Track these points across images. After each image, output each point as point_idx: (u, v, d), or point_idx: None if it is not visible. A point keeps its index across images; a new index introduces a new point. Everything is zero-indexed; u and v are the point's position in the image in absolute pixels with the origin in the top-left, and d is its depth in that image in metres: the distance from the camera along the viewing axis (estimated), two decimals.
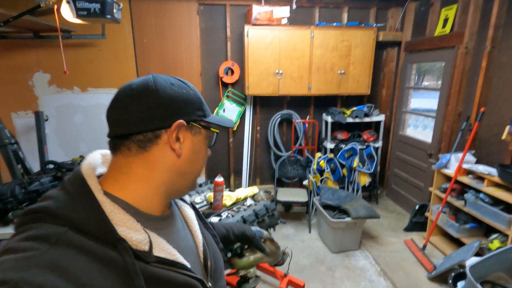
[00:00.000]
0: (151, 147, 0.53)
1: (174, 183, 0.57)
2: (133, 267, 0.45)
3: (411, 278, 2.44)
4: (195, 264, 0.60)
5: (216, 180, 1.62)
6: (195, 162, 0.59)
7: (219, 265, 0.69)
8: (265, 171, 4.17)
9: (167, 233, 0.56)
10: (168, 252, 0.52)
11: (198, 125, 0.58)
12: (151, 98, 0.52)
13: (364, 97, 4.07)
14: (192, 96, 0.57)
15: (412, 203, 3.42)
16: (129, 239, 0.47)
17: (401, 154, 3.66)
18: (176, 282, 0.51)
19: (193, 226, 0.67)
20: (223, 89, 3.74)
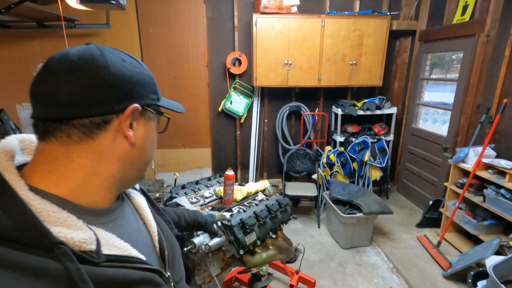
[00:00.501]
0: (98, 134, 0.45)
1: (124, 174, 0.50)
2: (78, 274, 0.38)
3: (425, 275, 2.36)
4: (150, 255, 0.56)
5: (227, 173, 1.55)
6: (148, 151, 0.53)
7: (176, 252, 0.65)
8: (272, 164, 4.10)
9: (117, 227, 0.51)
10: (120, 248, 0.47)
11: (153, 110, 0.52)
12: (101, 76, 0.44)
13: (375, 89, 3.95)
14: (146, 77, 0.51)
15: (425, 198, 3.33)
16: (69, 240, 0.39)
17: (414, 148, 3.54)
18: (131, 280, 0.46)
19: (146, 215, 0.61)
20: (230, 81, 3.64)
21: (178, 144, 3.77)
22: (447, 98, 3.34)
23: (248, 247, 1.32)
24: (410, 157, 3.61)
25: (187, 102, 3.62)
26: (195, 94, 3.61)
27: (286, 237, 1.65)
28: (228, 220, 1.31)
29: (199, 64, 3.51)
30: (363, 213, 2.61)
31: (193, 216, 1.05)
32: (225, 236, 1.32)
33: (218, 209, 1.54)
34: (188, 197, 1.60)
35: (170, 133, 3.70)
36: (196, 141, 3.78)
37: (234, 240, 1.29)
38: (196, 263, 1.36)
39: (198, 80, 3.57)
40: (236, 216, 1.35)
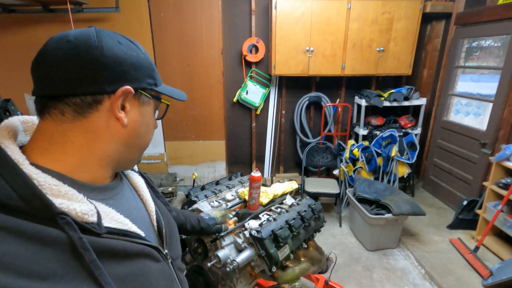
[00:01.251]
0: (90, 114, 0.46)
1: (120, 156, 0.52)
2: (80, 242, 0.40)
3: (463, 284, 2.16)
4: (149, 232, 0.57)
5: (253, 175, 1.36)
6: (143, 135, 0.54)
7: (173, 232, 0.67)
8: (289, 158, 3.90)
9: (116, 203, 0.52)
10: (120, 222, 0.48)
11: (148, 95, 0.53)
12: (94, 56, 0.44)
13: (402, 78, 3.66)
14: (142, 60, 0.51)
15: (456, 197, 3.09)
16: (71, 211, 0.41)
17: (444, 143, 3.28)
18: (131, 251, 0.48)
19: (144, 195, 0.62)
20: (246, 69, 3.42)
21: (191, 136, 3.59)
22: (484, 89, 3.04)
23: (281, 262, 1.14)
24: (440, 152, 3.35)
25: (200, 92, 3.42)
26: (209, 84, 3.40)
27: (318, 246, 1.47)
28: (257, 231, 1.13)
29: (213, 51, 3.29)
30: (393, 214, 2.40)
31: (197, 221, 1.05)
32: (254, 250, 1.14)
33: (242, 215, 1.36)
34: (209, 201, 1.43)
35: (183, 124, 3.53)
36: (210, 133, 3.60)
37: (266, 255, 1.11)
38: (220, 277, 1.19)
39: (212, 69, 3.35)
40: (266, 227, 1.17)
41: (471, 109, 3.70)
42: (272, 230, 1.14)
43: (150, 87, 0.53)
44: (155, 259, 0.53)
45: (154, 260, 0.53)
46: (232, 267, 1.06)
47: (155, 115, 0.58)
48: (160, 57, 3.25)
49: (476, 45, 3.13)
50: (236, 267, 1.06)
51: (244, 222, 1.27)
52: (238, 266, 1.07)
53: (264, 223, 1.22)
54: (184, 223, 0.98)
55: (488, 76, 3.04)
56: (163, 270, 0.55)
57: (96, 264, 0.40)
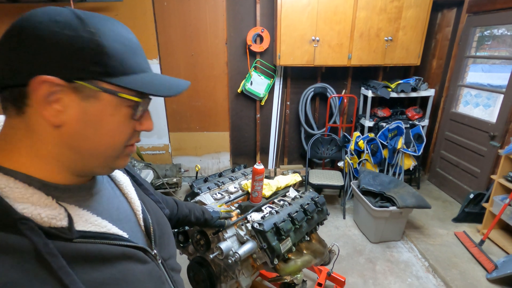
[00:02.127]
0: (25, 109, 0.40)
1: (71, 161, 0.44)
2: (46, 248, 0.37)
3: (467, 277, 2.15)
4: (134, 232, 0.54)
5: (256, 167, 1.35)
6: (92, 138, 0.43)
7: (165, 231, 0.63)
8: (294, 150, 3.88)
9: (93, 204, 0.48)
10: (97, 224, 0.45)
11: (94, 87, 0.41)
12: (13, 37, 0.38)
13: (410, 69, 3.57)
14: (84, 42, 0.39)
15: (462, 190, 3.05)
16: (35, 216, 0.38)
17: (452, 135, 3.22)
18: (110, 255, 0.45)
19: (129, 193, 0.59)
20: (250, 59, 3.37)
21: (196, 127, 3.59)
22: (495, 79, 2.96)
23: (283, 255, 1.14)
24: (447, 145, 3.29)
25: (204, 83, 3.40)
26: (213, 74, 3.37)
27: (320, 239, 1.47)
28: (260, 224, 1.13)
29: (217, 41, 3.24)
30: (397, 206, 2.38)
31: (201, 213, 1.02)
32: (256, 242, 1.14)
33: (245, 207, 1.36)
34: (211, 193, 1.43)
35: (187, 115, 3.52)
36: (214, 124, 3.59)
37: (268, 248, 1.11)
38: (223, 269, 1.20)
39: (216, 59, 3.31)
40: (269, 219, 1.17)
41: (481, 100, 3.61)
42: (275, 223, 1.14)
43: (98, 77, 0.40)
44: (140, 261, 0.50)
45: (139, 262, 0.50)
46: (234, 259, 1.06)
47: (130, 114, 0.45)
48: (163, 47, 3.22)
49: (488, 34, 3.03)
50: (238, 259, 1.07)
51: (246, 214, 1.27)
52: (240, 258, 1.07)
53: (266, 216, 1.22)
54: (188, 215, 0.96)
55: (500, 66, 2.95)
56: (151, 272, 0.52)
57: (65, 271, 0.37)
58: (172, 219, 0.90)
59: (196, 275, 1.23)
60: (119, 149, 0.46)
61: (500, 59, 2.93)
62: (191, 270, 1.24)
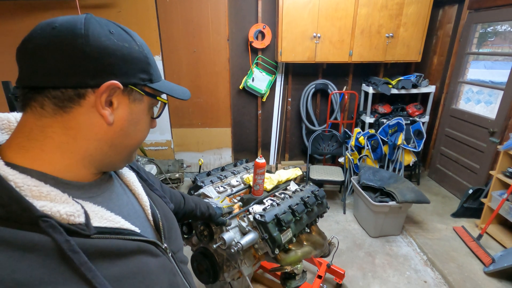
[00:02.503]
0: (72, 109, 0.43)
1: (104, 156, 0.48)
2: (68, 245, 0.38)
3: (464, 270, 2.19)
4: (145, 228, 0.56)
5: (258, 161, 1.39)
6: (131, 134, 0.50)
7: (172, 225, 0.65)
8: (295, 146, 3.91)
9: (106, 200, 0.50)
10: (111, 220, 0.46)
11: (141, 91, 0.48)
12: (77, 45, 0.41)
13: (411, 65, 3.59)
14: (135, 53, 0.47)
15: (462, 186, 3.08)
16: (55, 213, 0.39)
17: (452, 131, 3.24)
18: (126, 250, 0.46)
19: (136, 189, 0.60)
20: (252, 56, 3.39)
21: (198, 123, 3.63)
22: (497, 76, 2.97)
23: (284, 245, 1.18)
24: (447, 141, 3.32)
25: (206, 79, 3.43)
26: (215, 71, 3.40)
27: (320, 231, 1.51)
28: (261, 216, 1.17)
29: (219, 38, 3.27)
30: (397, 201, 2.42)
31: (206, 208, 1.05)
32: (258, 233, 1.18)
33: (247, 200, 1.40)
34: (214, 186, 1.47)
35: (189, 112, 3.56)
36: (216, 120, 3.63)
37: (269, 238, 1.15)
38: (225, 259, 1.24)
39: (218, 55, 3.34)
40: (270, 211, 1.20)
41: (483, 97, 3.62)
42: (276, 215, 1.18)
43: (143, 83, 0.48)
44: (153, 255, 0.52)
45: (152, 255, 0.51)
46: (236, 249, 1.10)
47: (151, 113, 0.54)
48: (166, 43, 3.25)
49: (491, 30, 3.03)
50: (241, 249, 1.11)
51: (248, 206, 1.31)
52: (242, 248, 1.11)
53: (268, 208, 1.26)
54: (194, 209, 0.98)
55: (502, 63, 2.96)
56: (164, 264, 0.54)
57: (87, 267, 0.38)
58: (178, 212, 0.92)
59: (199, 265, 1.27)
60: (140, 144, 0.54)
61: (502, 56, 2.93)
62: (195, 260, 1.29)
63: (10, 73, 3.32)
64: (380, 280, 2.16)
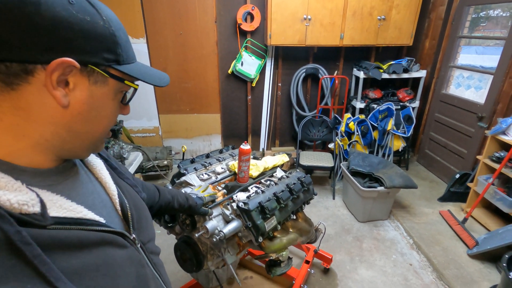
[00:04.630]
0: (20, 86, 0.38)
1: (63, 142, 0.44)
2: (18, 236, 0.35)
3: (448, 253, 2.23)
4: (111, 218, 0.53)
5: (242, 147, 1.34)
6: (93, 120, 0.45)
7: (142, 215, 0.63)
8: (285, 132, 3.87)
9: (67, 189, 0.46)
10: (72, 210, 0.43)
11: (103, 73, 0.43)
12: (26, 13, 0.35)
13: (403, 49, 3.53)
14: (99, 29, 0.41)
15: (449, 171, 3.11)
16: (4, 202, 0.36)
17: (441, 116, 3.24)
18: (88, 241, 0.43)
19: (103, 178, 0.57)
20: (241, 39, 3.28)
21: (186, 109, 3.54)
22: (487, 61, 2.95)
23: (267, 233, 1.16)
24: (436, 126, 3.33)
25: (194, 63, 3.32)
26: (203, 54, 3.29)
27: (307, 218, 1.49)
28: (245, 203, 1.14)
29: (206, 19, 3.14)
30: (385, 186, 2.43)
31: (185, 200, 1.01)
32: (241, 221, 1.15)
33: (231, 187, 1.36)
34: (198, 173, 1.42)
35: (177, 97, 3.46)
36: (205, 106, 3.54)
37: (252, 227, 1.12)
38: (209, 247, 1.22)
39: (206, 38, 3.22)
40: (254, 199, 1.17)
41: (473, 82, 3.61)
42: (259, 202, 1.15)
43: (108, 64, 0.43)
44: (120, 246, 0.50)
45: (118, 247, 0.49)
46: (218, 238, 1.07)
47: (119, 98, 0.49)
48: (150, 25, 3.10)
49: (484, 15, 2.99)
50: (223, 237, 1.08)
51: (232, 194, 1.28)
52: (224, 236, 1.08)
53: (252, 195, 1.23)
54: (170, 201, 0.94)
55: (493, 48, 2.94)
56: (131, 256, 0.52)
57: (41, 260, 0.36)
58: (153, 206, 0.88)
59: (183, 254, 1.24)
60: (107, 132, 0.50)
61: (493, 40, 2.90)
62: (178, 249, 1.26)
63: None
64: (367, 264, 2.19)
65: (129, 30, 3.07)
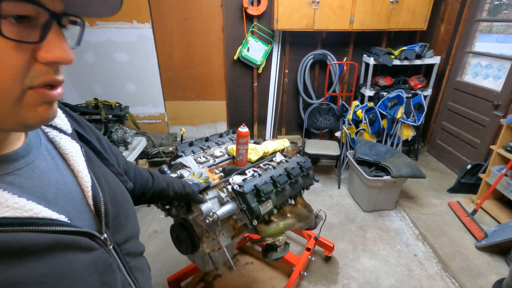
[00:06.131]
0: None
1: None
2: None
3: (455, 245, 2.17)
4: (79, 214, 0.45)
5: (240, 130, 1.31)
6: None
7: (122, 210, 0.54)
8: (292, 120, 3.81)
9: (17, 180, 0.38)
10: (17, 208, 0.36)
11: None
12: None
13: (416, 34, 3.38)
14: None
15: (461, 162, 3.00)
16: None
17: (455, 105, 3.11)
18: (34, 246, 0.36)
19: (76, 166, 0.48)
20: (247, 24, 3.20)
21: (192, 96, 3.52)
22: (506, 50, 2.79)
23: (262, 217, 1.13)
24: (449, 115, 3.20)
25: (200, 49, 3.27)
26: (209, 40, 3.24)
27: (306, 204, 1.46)
28: (240, 186, 1.11)
29: (212, 3, 3.07)
30: (391, 176, 2.36)
31: (181, 186, 0.96)
32: (236, 204, 1.13)
33: (229, 171, 1.34)
34: (195, 156, 1.40)
35: (182, 84, 3.44)
36: (211, 93, 3.51)
37: (247, 209, 1.10)
38: (205, 230, 1.20)
39: (212, 23, 3.16)
40: (250, 182, 1.15)
41: (491, 71, 3.44)
42: (255, 185, 1.12)
43: None
44: (82, 249, 0.42)
45: (80, 250, 0.42)
46: (212, 220, 1.06)
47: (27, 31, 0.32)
48: (156, 10, 3.06)
49: (507, 2, 2.80)
50: (216, 219, 1.06)
51: (229, 177, 1.25)
52: (218, 218, 1.07)
53: (248, 178, 1.20)
54: (165, 188, 0.89)
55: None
56: (97, 261, 0.44)
57: None
58: (146, 193, 0.83)
59: (178, 236, 1.23)
60: (11, 90, 0.32)
61: None
62: (174, 231, 1.25)
63: None
64: (370, 253, 2.15)
65: (134, 14, 3.04)
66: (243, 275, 1.97)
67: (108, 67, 3.27)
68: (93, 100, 2.62)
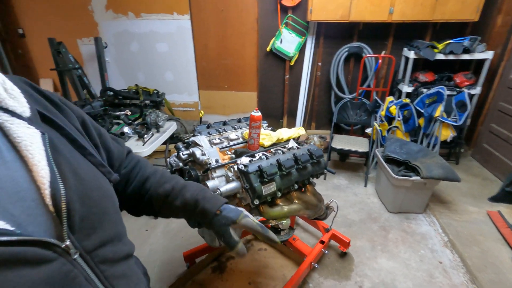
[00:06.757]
0: None
1: None
2: None
3: (488, 256, 1.98)
4: (32, 218, 0.37)
5: (253, 114, 1.35)
6: None
7: (97, 209, 0.45)
8: (322, 114, 3.74)
9: None
10: None
11: None
12: None
13: (466, 27, 3.08)
14: None
15: (508, 169, 2.70)
16: None
17: (507, 106, 2.79)
18: None
19: (31, 156, 0.39)
20: (282, 15, 3.20)
21: (224, 86, 3.63)
22: None
23: (265, 197, 1.17)
24: (500, 117, 2.88)
25: (233, 40, 3.36)
26: (243, 31, 3.30)
27: (316, 192, 1.46)
28: (245, 166, 1.16)
29: None
30: (421, 176, 2.22)
31: (198, 197, 0.64)
32: (240, 183, 1.18)
33: (240, 153, 1.39)
34: (211, 138, 1.48)
35: (216, 74, 3.56)
36: (243, 83, 3.59)
37: (249, 188, 1.14)
38: None
39: (247, 14, 3.22)
40: (255, 163, 1.18)
41: None
42: (259, 166, 1.16)
43: None
44: (31, 263, 0.34)
45: (29, 264, 0.34)
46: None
47: None
48: (194, 1, 3.21)
49: None
50: (220, 195, 1.12)
51: (238, 159, 1.30)
52: (221, 194, 1.12)
53: (255, 160, 1.24)
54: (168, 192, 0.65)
55: None
56: (52, 276, 0.36)
57: None
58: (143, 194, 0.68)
59: None
60: None
61: None
62: None
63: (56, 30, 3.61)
64: (389, 254, 2.06)
65: (174, 6, 3.22)
66: (256, 259, 2.03)
67: (150, 56, 3.51)
68: (134, 86, 2.86)
